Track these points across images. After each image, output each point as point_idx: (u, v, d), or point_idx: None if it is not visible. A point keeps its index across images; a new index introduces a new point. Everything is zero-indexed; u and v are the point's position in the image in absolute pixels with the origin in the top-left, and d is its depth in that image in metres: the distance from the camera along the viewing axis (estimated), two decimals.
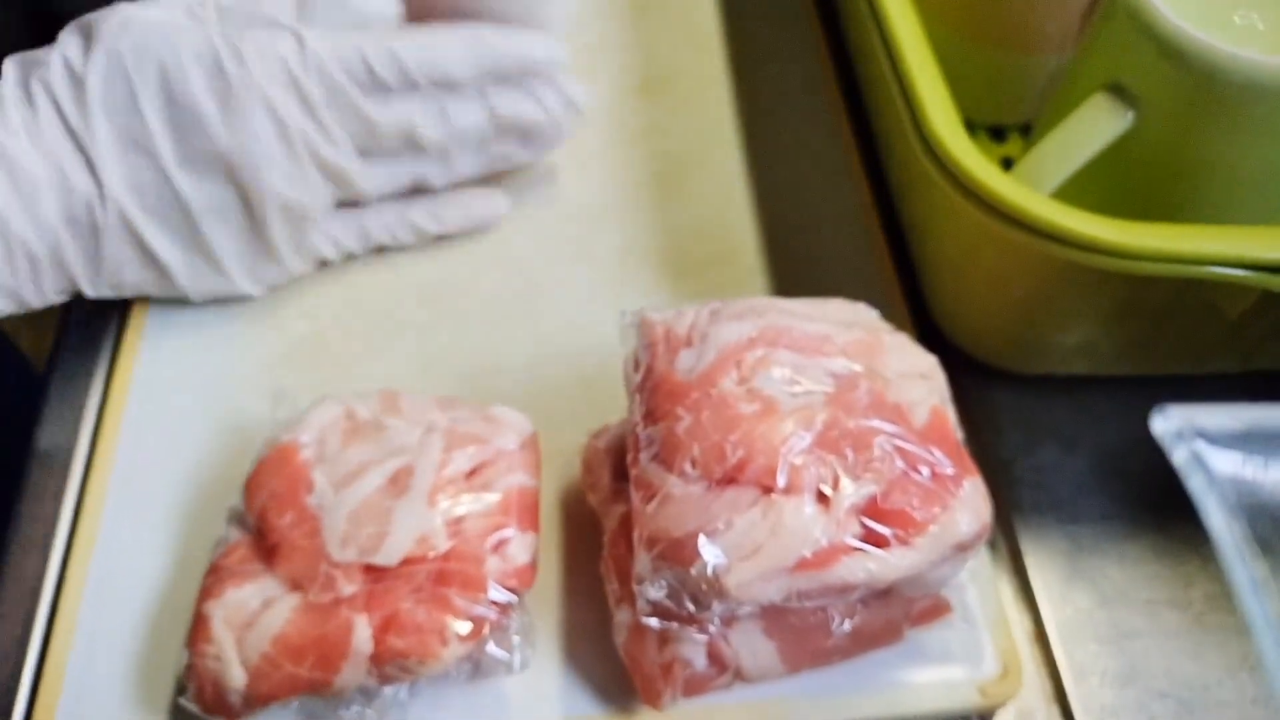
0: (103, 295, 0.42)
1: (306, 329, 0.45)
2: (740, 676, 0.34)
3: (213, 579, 0.34)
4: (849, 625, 0.33)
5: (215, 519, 0.37)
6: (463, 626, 0.32)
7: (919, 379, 0.34)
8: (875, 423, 0.31)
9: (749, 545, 0.30)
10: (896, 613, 0.34)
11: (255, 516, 0.35)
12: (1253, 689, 0.38)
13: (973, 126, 0.51)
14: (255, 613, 0.33)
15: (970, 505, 0.31)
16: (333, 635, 0.32)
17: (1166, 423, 0.32)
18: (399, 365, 0.45)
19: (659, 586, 0.31)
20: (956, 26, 0.48)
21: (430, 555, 0.33)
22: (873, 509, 0.30)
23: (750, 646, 0.33)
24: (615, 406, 0.38)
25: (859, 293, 0.39)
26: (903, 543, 0.30)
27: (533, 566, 0.34)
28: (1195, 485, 0.31)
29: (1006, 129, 0.53)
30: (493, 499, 0.35)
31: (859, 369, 0.33)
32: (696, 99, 0.55)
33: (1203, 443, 0.32)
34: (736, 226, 0.50)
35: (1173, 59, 0.36)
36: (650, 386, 0.33)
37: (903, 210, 0.49)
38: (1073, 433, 0.44)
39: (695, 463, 0.31)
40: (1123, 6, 0.37)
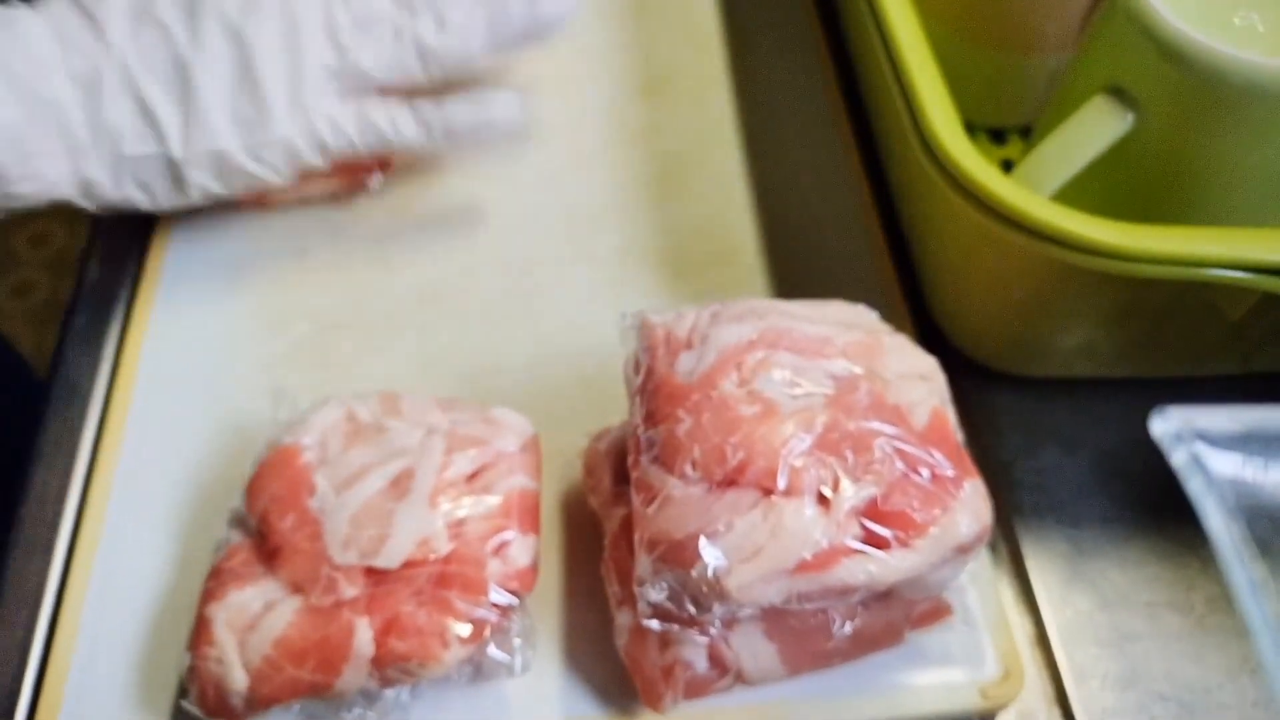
0: (100, 183, 0.42)
1: (306, 329, 0.45)
2: (741, 679, 0.34)
3: (214, 582, 0.34)
4: (849, 627, 0.33)
5: (216, 521, 0.37)
6: (464, 629, 0.32)
7: (919, 381, 0.34)
8: (875, 424, 0.31)
9: (749, 547, 0.30)
10: (897, 615, 0.34)
11: (257, 519, 0.35)
12: (1253, 691, 0.38)
13: (972, 128, 0.51)
14: (257, 615, 0.33)
15: (970, 507, 0.31)
16: (334, 638, 0.32)
17: (1166, 424, 0.32)
18: (399, 365, 0.45)
19: (660, 588, 0.31)
20: (956, 27, 0.48)
21: (431, 558, 0.33)
22: (873, 511, 0.30)
23: (751, 649, 0.33)
24: (616, 408, 0.38)
25: (859, 293, 0.39)
26: (903, 545, 0.30)
27: (534, 569, 0.34)
28: (1194, 487, 0.31)
29: (1006, 131, 0.53)
30: (494, 501, 0.35)
31: (859, 371, 0.33)
32: (696, 99, 0.55)
33: (1202, 444, 0.32)
34: (736, 226, 0.50)
35: (1173, 61, 0.36)
36: (651, 389, 0.33)
37: (903, 211, 0.49)
38: (1073, 435, 0.44)
39: (696, 465, 0.31)
40: (1123, 8, 0.37)
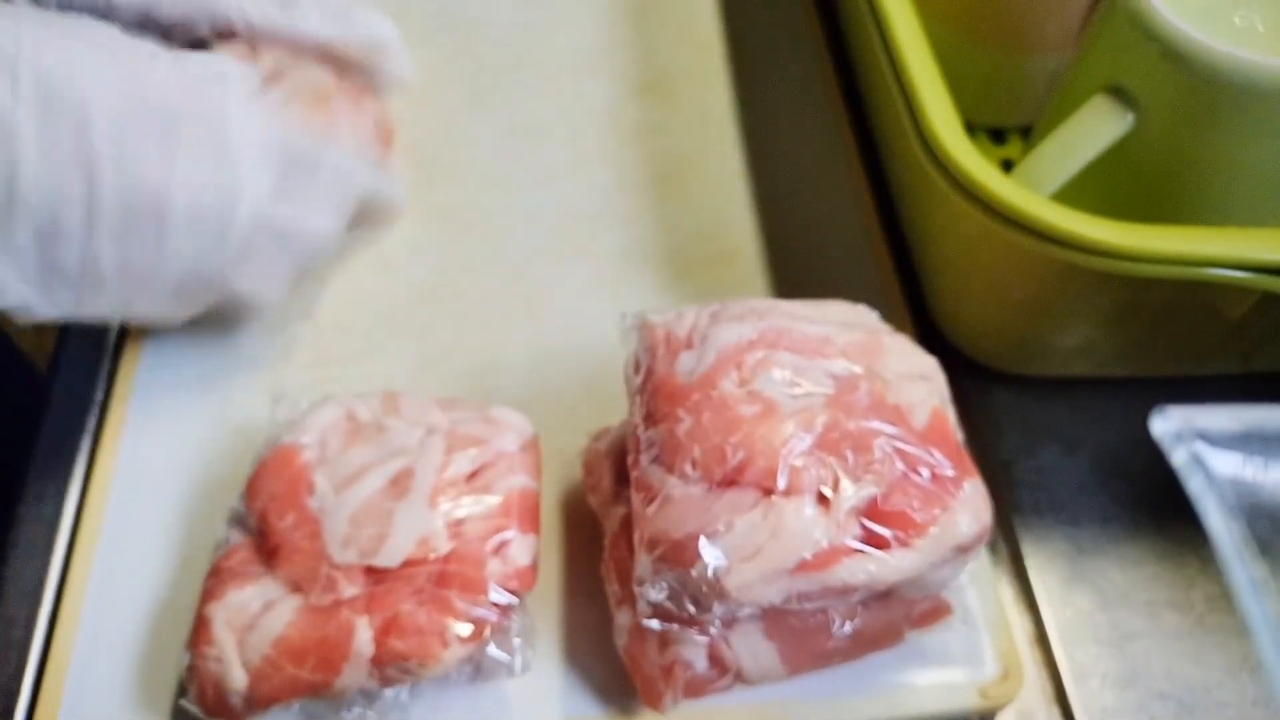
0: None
1: (306, 329, 0.45)
2: (741, 678, 0.34)
3: (214, 581, 0.34)
4: (849, 627, 0.33)
5: (216, 520, 0.37)
6: (463, 628, 0.32)
7: (919, 380, 0.34)
8: (875, 424, 0.31)
9: (749, 547, 0.30)
10: (897, 615, 0.34)
11: (256, 518, 0.35)
12: (1253, 690, 0.38)
13: (973, 128, 0.51)
14: (256, 615, 0.33)
15: (970, 507, 0.31)
16: (334, 637, 0.32)
17: (1166, 424, 0.32)
18: (399, 365, 0.45)
19: (660, 588, 0.31)
20: (956, 26, 0.48)
21: (431, 557, 0.33)
22: (873, 511, 0.30)
23: (751, 648, 0.33)
24: (616, 408, 0.38)
25: (859, 293, 0.39)
26: (903, 544, 0.30)
27: (533, 568, 0.34)
28: (1195, 486, 0.31)
29: (1006, 131, 0.53)
30: (493, 501, 0.35)
31: (859, 370, 0.33)
32: (696, 99, 0.55)
33: (1202, 444, 0.32)
34: (736, 226, 0.50)
35: (1173, 61, 0.36)
36: (651, 389, 0.33)
37: (903, 211, 0.49)
38: (1073, 434, 0.44)
39: (696, 464, 0.31)
40: (1123, 8, 0.37)
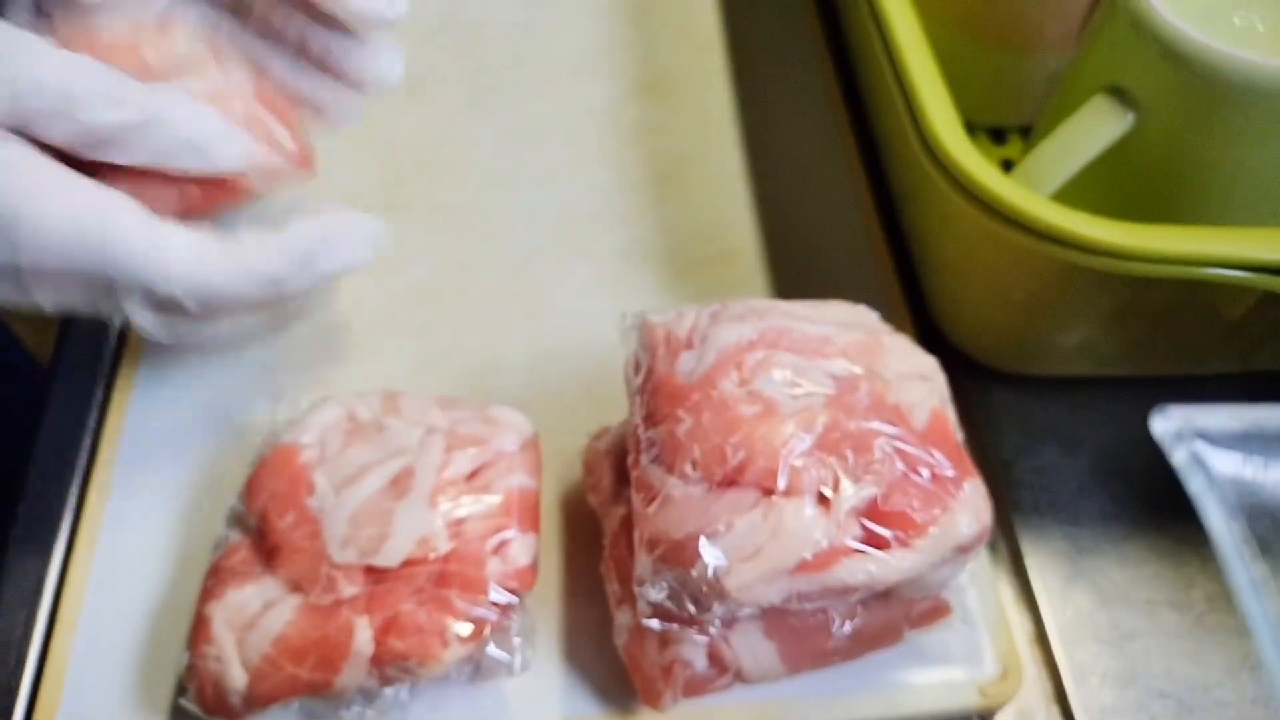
0: None
1: (306, 329, 0.45)
2: (740, 678, 0.34)
3: (213, 580, 0.34)
4: (849, 627, 0.33)
5: (215, 519, 0.37)
6: (463, 628, 0.32)
7: (919, 380, 0.34)
8: (875, 424, 0.31)
9: (749, 547, 0.30)
10: (897, 614, 0.34)
11: (256, 518, 0.35)
12: (1253, 689, 0.38)
13: (973, 128, 0.51)
14: (256, 614, 0.33)
15: (970, 507, 0.31)
16: (333, 636, 0.32)
17: (1166, 423, 0.32)
18: (399, 365, 0.45)
19: (659, 588, 0.31)
20: (956, 26, 0.48)
21: (431, 557, 0.33)
22: (873, 511, 0.30)
23: (751, 648, 0.33)
24: (616, 407, 0.38)
25: (859, 293, 0.39)
26: (903, 544, 0.30)
27: (533, 568, 0.34)
28: (1195, 486, 0.32)
29: (1006, 131, 0.53)
30: (493, 500, 0.35)
31: (859, 371, 0.33)
32: (696, 99, 0.55)
33: (1202, 443, 0.32)
34: (736, 226, 0.50)
35: (1173, 61, 0.36)
36: (651, 389, 0.33)
37: (903, 211, 0.49)
38: (1073, 434, 0.44)
39: (696, 464, 0.31)
40: (1123, 8, 0.37)
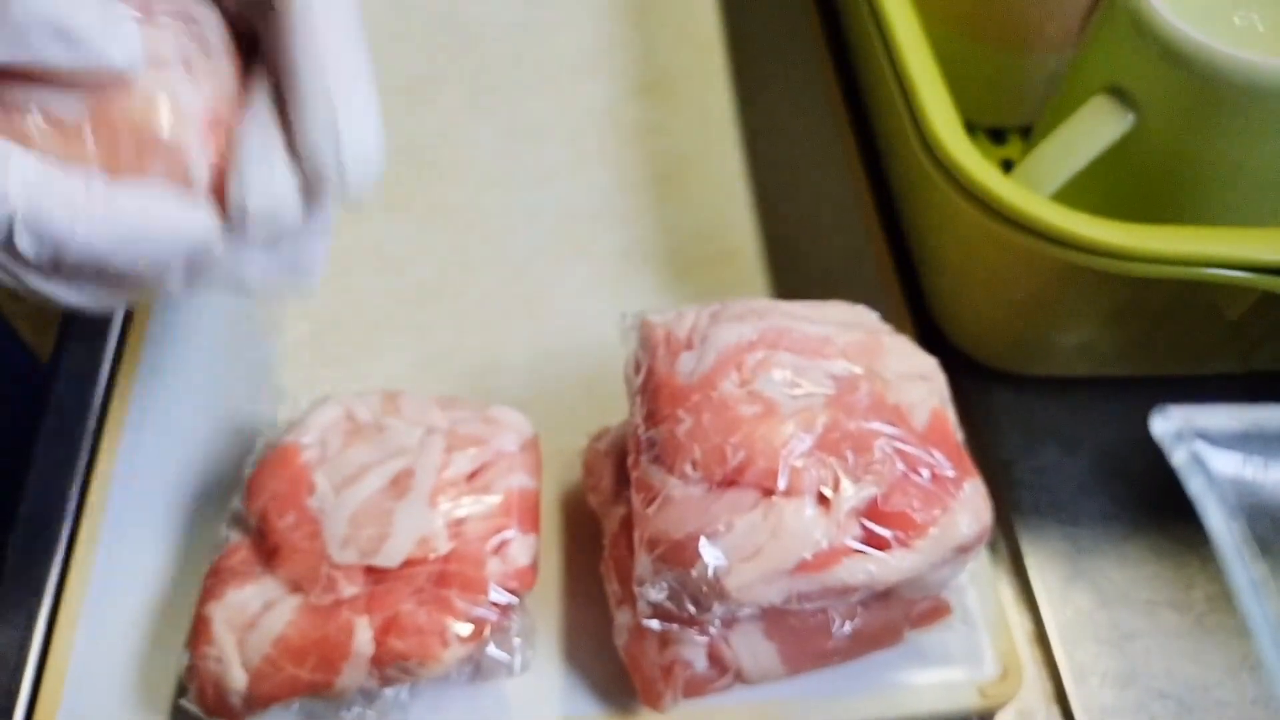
0: None
1: (306, 329, 0.45)
2: (741, 678, 0.34)
3: (213, 580, 0.34)
4: (849, 627, 0.33)
5: (216, 520, 0.37)
6: (463, 628, 0.32)
7: (919, 380, 0.34)
8: (876, 425, 0.31)
9: (749, 547, 0.30)
10: (897, 614, 0.34)
11: (256, 518, 0.35)
12: (1253, 689, 0.38)
13: (973, 128, 0.51)
14: (256, 614, 0.33)
15: (970, 507, 0.31)
16: (333, 637, 0.32)
17: (1166, 423, 0.32)
18: (399, 365, 0.45)
19: (660, 588, 0.31)
20: (956, 26, 0.48)
21: (431, 557, 0.33)
22: (873, 511, 0.30)
23: (751, 648, 0.33)
24: (616, 407, 0.38)
25: (859, 293, 0.39)
26: (903, 545, 0.30)
27: (533, 568, 0.34)
28: (1195, 486, 0.32)
29: (1006, 131, 0.53)
30: (493, 500, 0.35)
31: (859, 371, 0.33)
32: (696, 99, 0.55)
33: (1202, 443, 0.32)
34: (736, 226, 0.50)
35: (1173, 61, 0.36)
36: (651, 389, 0.33)
37: (903, 211, 0.49)
38: (1073, 434, 0.44)
39: (696, 465, 0.31)
40: (1123, 8, 0.37)
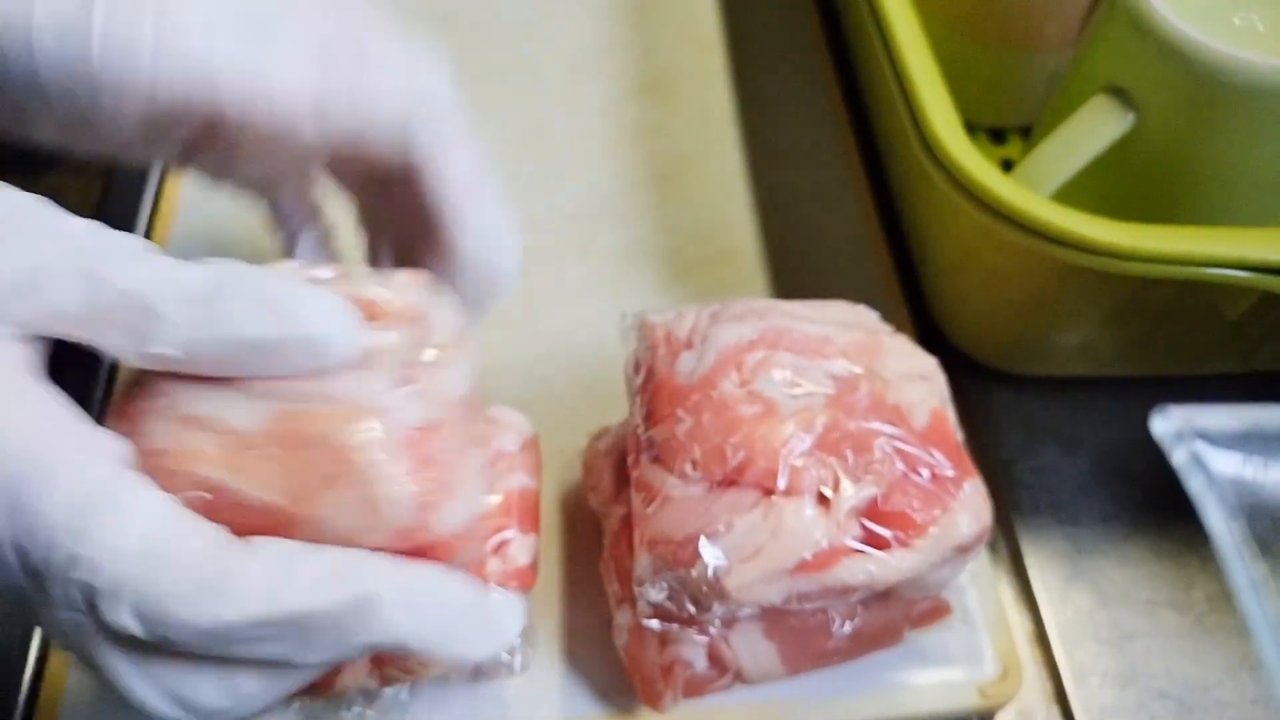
0: None
1: None
2: (740, 678, 0.34)
3: None
4: (849, 627, 0.33)
5: None
6: None
7: (919, 380, 0.34)
8: (875, 425, 0.31)
9: (749, 547, 0.30)
10: (897, 614, 0.34)
11: None
12: (1253, 690, 0.38)
13: (973, 128, 0.51)
14: None
15: (970, 507, 0.31)
16: None
17: (1166, 423, 0.32)
18: None
19: (659, 588, 0.31)
20: (956, 26, 0.48)
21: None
22: (873, 511, 0.30)
23: (751, 648, 0.33)
24: (616, 407, 0.38)
25: (859, 293, 0.39)
26: (903, 545, 0.30)
27: (533, 568, 0.34)
28: (1195, 486, 0.31)
29: (1006, 131, 0.53)
30: (493, 500, 0.34)
31: (859, 371, 0.33)
32: (696, 99, 0.55)
33: (1202, 443, 0.32)
34: (736, 226, 0.50)
35: (1173, 61, 0.36)
36: (651, 389, 0.33)
37: (903, 211, 0.49)
38: (1073, 434, 0.44)
39: (696, 464, 0.31)
40: (1122, 8, 0.37)
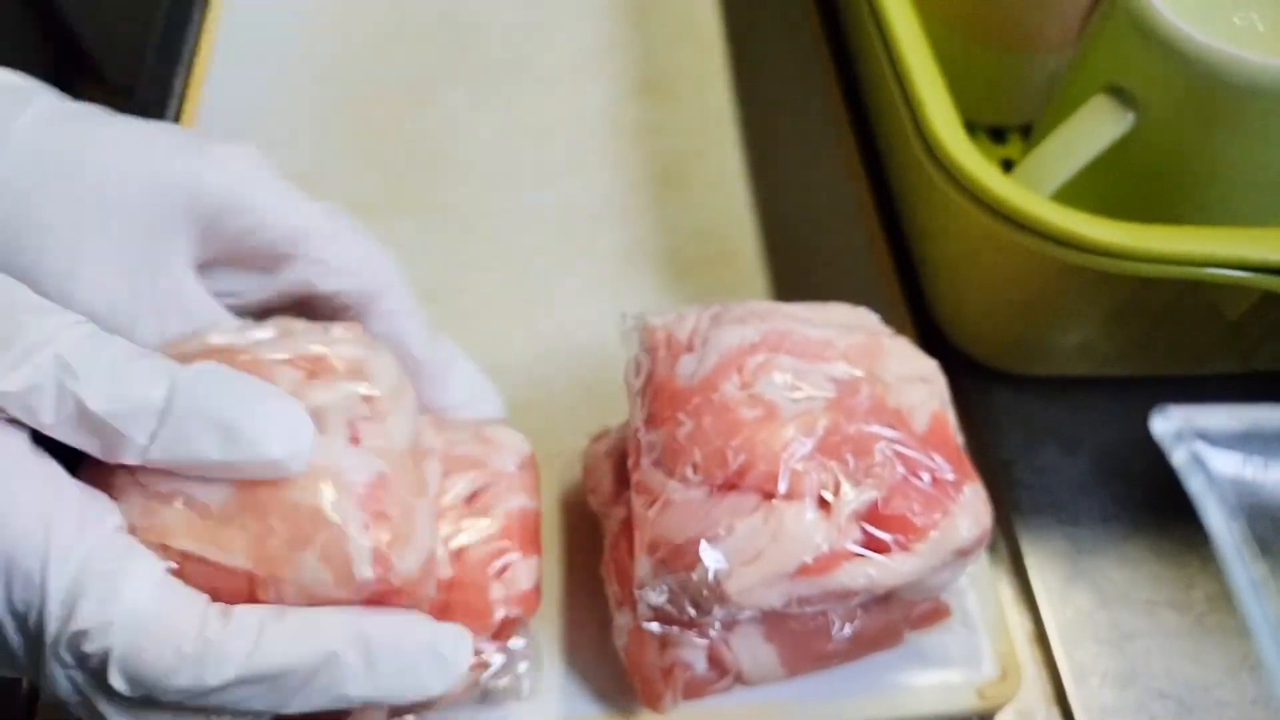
0: None
1: None
2: (740, 680, 0.34)
3: None
4: (849, 629, 0.33)
5: None
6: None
7: (920, 383, 0.34)
8: (876, 428, 0.31)
9: (750, 551, 0.30)
10: (896, 617, 0.34)
11: None
12: (1253, 690, 0.38)
13: (973, 128, 0.51)
14: None
15: (971, 511, 0.31)
16: None
17: (1166, 423, 0.32)
18: None
19: (660, 591, 0.31)
20: (956, 26, 0.48)
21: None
22: (874, 514, 0.30)
23: (751, 650, 0.33)
24: (616, 408, 0.38)
25: (859, 294, 0.39)
26: (903, 548, 0.30)
27: (537, 591, 0.34)
28: (1195, 486, 0.31)
29: (1007, 130, 0.53)
30: (494, 524, 0.34)
31: (860, 374, 0.33)
32: (696, 99, 0.55)
33: (1202, 443, 0.32)
34: (736, 226, 0.50)
35: (1173, 60, 0.36)
36: (651, 391, 0.33)
37: (903, 212, 0.49)
38: (1073, 434, 0.44)
39: (696, 468, 0.31)
40: (1123, 7, 0.37)
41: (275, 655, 0.26)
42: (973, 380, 0.45)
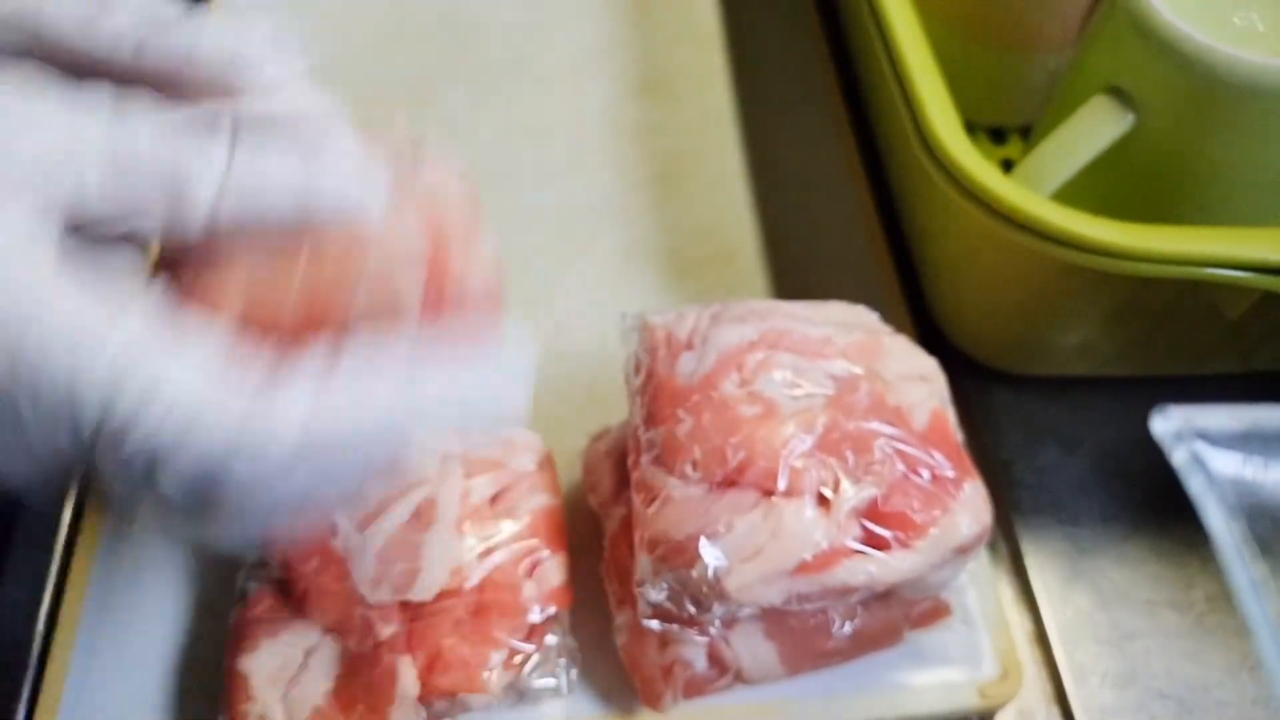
0: None
1: None
2: (741, 678, 0.34)
3: (241, 634, 0.33)
4: (849, 627, 0.33)
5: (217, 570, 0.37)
6: (506, 656, 0.32)
7: (919, 381, 0.34)
8: (875, 425, 0.31)
9: (750, 548, 0.30)
10: (896, 615, 0.34)
11: (278, 564, 0.34)
12: (1253, 689, 0.38)
13: (973, 128, 0.51)
14: (298, 667, 0.32)
15: (970, 508, 0.31)
16: (378, 682, 0.31)
17: (1166, 423, 0.32)
18: None
19: (660, 589, 0.31)
20: (956, 27, 0.48)
21: (465, 587, 0.33)
22: (873, 512, 0.30)
23: (751, 648, 0.33)
24: (616, 407, 0.37)
25: (859, 294, 0.39)
26: (903, 545, 0.30)
27: (568, 586, 0.34)
28: (1195, 486, 0.31)
29: (1007, 130, 0.53)
30: (520, 523, 0.34)
31: (859, 371, 0.33)
32: (696, 99, 0.55)
33: (1202, 443, 0.32)
34: (736, 226, 0.50)
35: (1172, 61, 0.36)
36: (651, 389, 0.33)
37: (903, 211, 0.49)
38: (1073, 434, 0.44)
39: (696, 465, 0.31)
40: (1122, 8, 0.37)
41: (333, 421, 0.23)
42: (973, 380, 0.45)
